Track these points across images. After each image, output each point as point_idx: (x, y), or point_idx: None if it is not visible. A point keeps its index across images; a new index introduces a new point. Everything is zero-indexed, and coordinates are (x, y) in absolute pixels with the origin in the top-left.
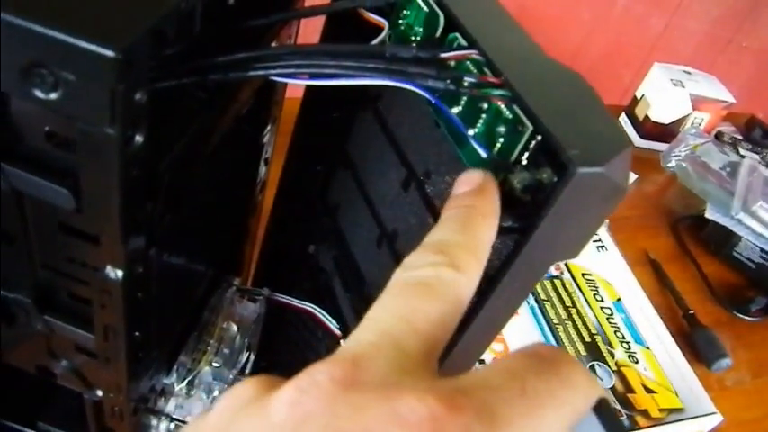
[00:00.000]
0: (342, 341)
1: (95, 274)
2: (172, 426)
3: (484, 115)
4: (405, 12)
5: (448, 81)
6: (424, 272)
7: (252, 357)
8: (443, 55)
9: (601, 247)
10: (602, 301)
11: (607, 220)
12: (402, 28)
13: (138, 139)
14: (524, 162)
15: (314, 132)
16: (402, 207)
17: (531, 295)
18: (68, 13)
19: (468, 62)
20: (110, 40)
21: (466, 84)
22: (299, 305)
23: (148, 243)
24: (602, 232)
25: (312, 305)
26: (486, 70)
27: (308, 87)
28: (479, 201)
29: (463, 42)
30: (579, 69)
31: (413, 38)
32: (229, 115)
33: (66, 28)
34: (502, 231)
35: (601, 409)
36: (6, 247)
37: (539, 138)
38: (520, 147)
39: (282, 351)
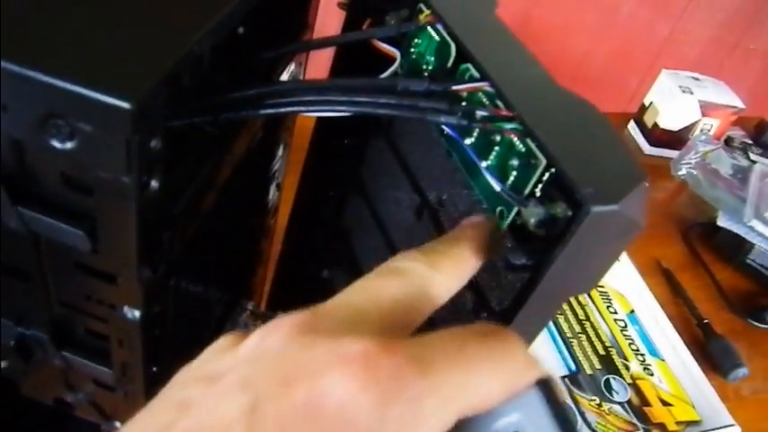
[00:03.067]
0: None
1: (113, 312)
2: None
3: (497, 147)
4: (416, 41)
5: (459, 115)
6: (401, 263)
7: None
8: (455, 87)
9: None
10: (615, 313)
11: None
12: (414, 57)
13: (154, 184)
14: (538, 195)
15: (327, 158)
16: (415, 234)
17: None
18: (83, 62)
19: (480, 94)
20: (125, 90)
21: (478, 117)
22: None
23: (165, 281)
24: None
25: None
26: (499, 103)
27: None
28: (471, 230)
29: (475, 74)
30: (586, 76)
31: (424, 66)
32: (240, 149)
33: (82, 79)
34: (516, 269)
35: (545, 387)
36: (22, 284)
37: (552, 171)
38: (533, 180)
39: None
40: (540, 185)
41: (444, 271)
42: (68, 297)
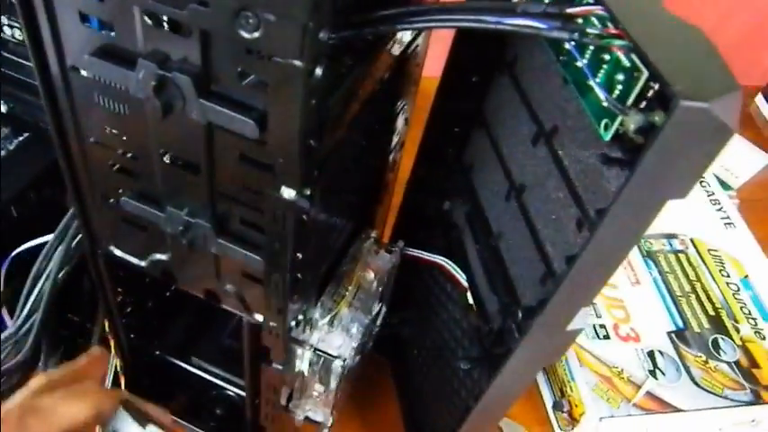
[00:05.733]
0: (468, 293)
1: (268, 198)
2: (314, 357)
3: (606, 65)
4: None
5: (571, 30)
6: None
7: (384, 310)
8: (570, 10)
9: (729, 224)
10: (728, 276)
11: (737, 200)
12: None
13: (318, 72)
14: (640, 106)
15: (454, 96)
16: (530, 161)
17: (654, 267)
18: None
19: (593, 17)
20: None
21: (589, 34)
22: (431, 258)
23: (317, 169)
24: (731, 209)
25: (443, 258)
26: (610, 24)
27: (451, 54)
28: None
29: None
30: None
31: None
32: (379, 69)
33: None
34: (612, 162)
35: (127, 403)
36: (192, 176)
37: (654, 85)
38: (636, 92)
39: (413, 307)
40: (643, 98)
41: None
42: (230, 188)
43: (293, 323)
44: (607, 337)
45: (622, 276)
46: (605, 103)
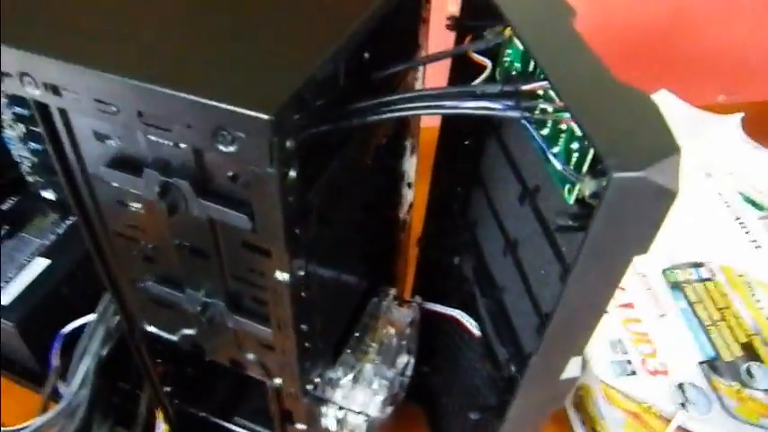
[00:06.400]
0: (480, 343)
1: (269, 279)
2: (340, 413)
3: (563, 135)
4: (507, 51)
5: (523, 109)
6: None
7: (412, 361)
8: (524, 87)
9: (758, 246)
10: (759, 302)
11: (765, 220)
12: (506, 65)
13: (292, 174)
14: (595, 172)
15: (452, 158)
16: (520, 219)
17: (682, 298)
18: (238, 88)
19: (551, 91)
20: (265, 108)
21: (538, 111)
22: (445, 311)
23: (307, 252)
24: (760, 231)
25: (456, 310)
26: (556, 98)
27: (443, 121)
28: None
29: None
30: (747, 63)
31: (513, 72)
32: (366, 148)
33: (238, 102)
34: (563, 230)
35: None
36: (203, 261)
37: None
38: (590, 159)
39: (440, 357)
40: (597, 163)
41: None
42: (238, 270)
43: (310, 386)
44: (634, 373)
45: (647, 310)
46: (560, 167)
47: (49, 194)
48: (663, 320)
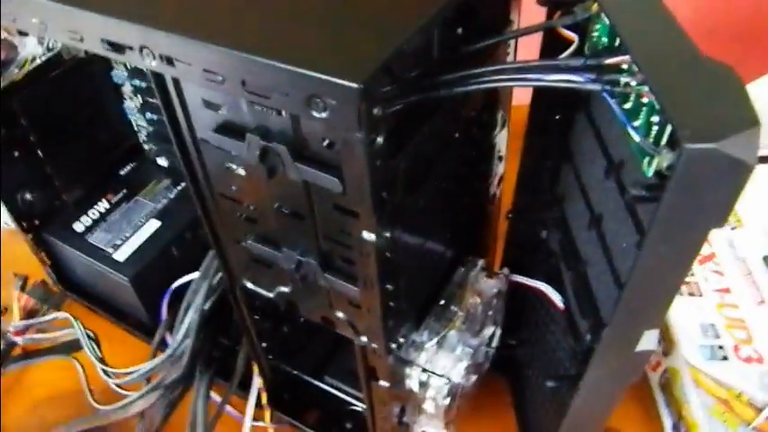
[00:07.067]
0: (564, 316)
1: (357, 239)
2: (423, 376)
3: (644, 108)
4: (596, 26)
5: (605, 81)
6: None
7: (498, 332)
8: (607, 61)
9: None
10: None
11: None
12: (594, 39)
13: (379, 140)
14: (670, 146)
15: (542, 132)
16: (605, 193)
17: None
18: (333, 59)
19: (633, 65)
20: (355, 78)
21: (622, 85)
22: (531, 283)
23: (394, 215)
24: None
25: (541, 283)
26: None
27: (534, 95)
28: None
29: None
30: None
31: (600, 47)
32: (455, 119)
33: (331, 72)
34: (647, 201)
35: None
36: (299, 222)
37: None
38: (667, 132)
39: (526, 329)
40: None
41: None
42: (330, 231)
43: (394, 345)
44: (726, 358)
45: (746, 296)
46: (638, 140)
47: (162, 161)
48: (762, 307)
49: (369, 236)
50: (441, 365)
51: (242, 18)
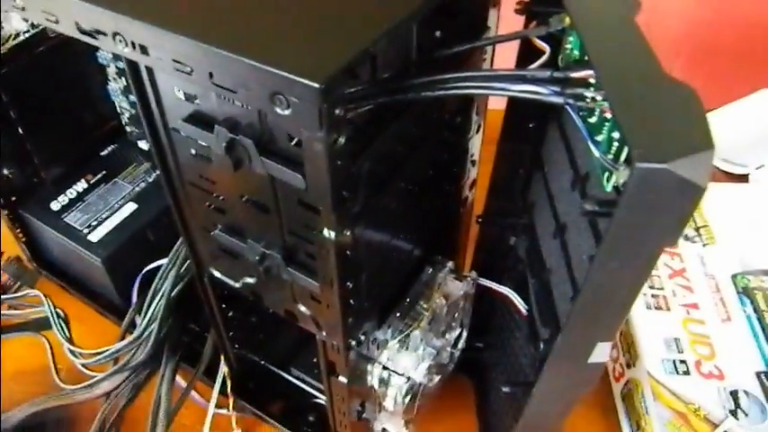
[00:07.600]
0: (528, 322)
1: (319, 235)
2: (384, 374)
3: (607, 124)
4: (570, 38)
5: (567, 97)
6: None
7: (464, 334)
8: (573, 75)
9: None
10: None
11: None
12: (567, 51)
13: (341, 140)
14: (628, 162)
15: (516, 140)
16: (570, 204)
17: (749, 304)
18: (294, 58)
19: (598, 80)
20: (316, 78)
21: (589, 99)
22: (497, 289)
23: (355, 214)
24: None
25: (507, 289)
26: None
27: (509, 103)
28: None
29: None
30: None
31: (572, 60)
32: (425, 122)
33: (293, 70)
34: (599, 215)
35: None
36: (264, 215)
37: None
38: (626, 149)
39: (492, 333)
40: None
41: None
42: (293, 226)
43: (354, 342)
44: (687, 372)
45: (712, 313)
46: (597, 155)
47: (144, 145)
48: (726, 325)
49: (329, 233)
50: (402, 364)
51: (216, 11)
